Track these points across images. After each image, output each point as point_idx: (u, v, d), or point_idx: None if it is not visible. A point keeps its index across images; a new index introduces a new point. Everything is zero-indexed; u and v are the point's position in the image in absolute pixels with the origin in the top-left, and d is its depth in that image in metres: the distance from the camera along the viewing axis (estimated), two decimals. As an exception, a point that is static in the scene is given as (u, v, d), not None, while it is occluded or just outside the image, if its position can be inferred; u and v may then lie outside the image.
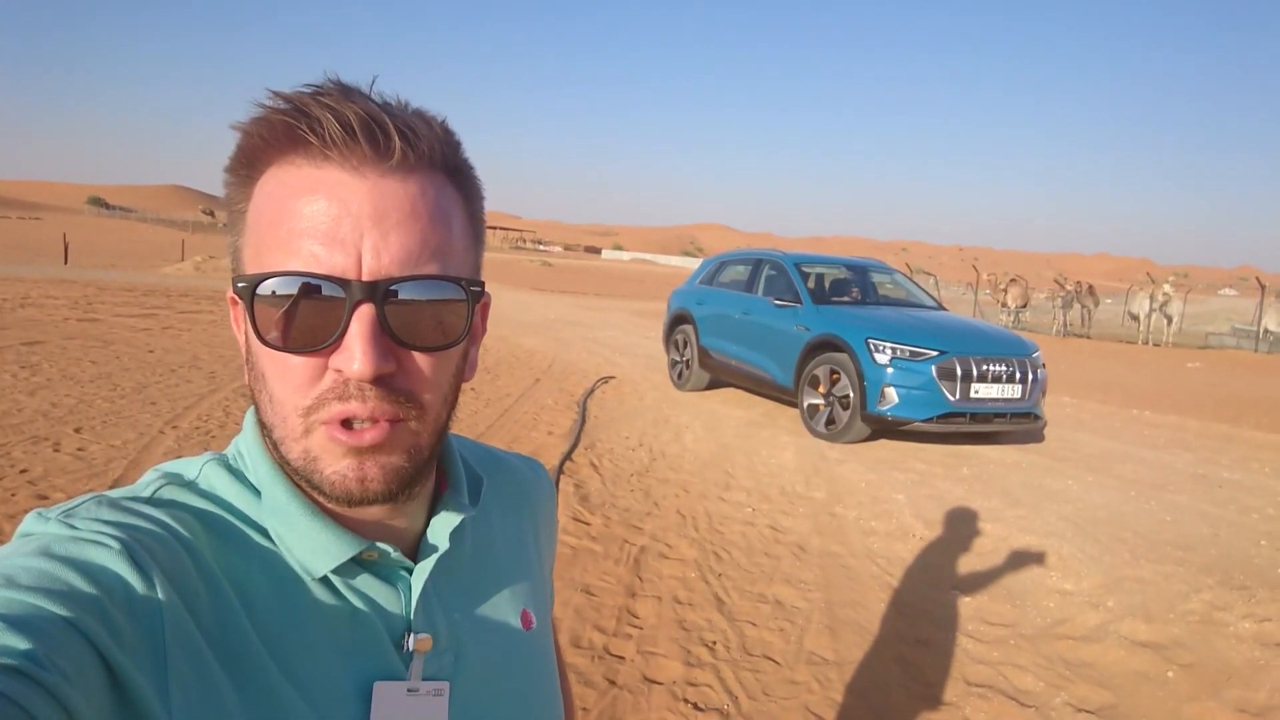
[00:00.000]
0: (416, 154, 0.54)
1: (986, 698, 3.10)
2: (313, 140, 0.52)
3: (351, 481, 0.55)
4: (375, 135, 0.52)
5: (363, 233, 0.52)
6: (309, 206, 0.53)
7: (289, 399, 0.54)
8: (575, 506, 4.87)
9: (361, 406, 0.53)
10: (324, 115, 0.52)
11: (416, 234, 0.54)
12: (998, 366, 6.64)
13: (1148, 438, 7.74)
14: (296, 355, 0.53)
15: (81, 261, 22.37)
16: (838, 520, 4.97)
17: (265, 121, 0.53)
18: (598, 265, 73.46)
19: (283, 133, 0.53)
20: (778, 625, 3.58)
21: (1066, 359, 14.98)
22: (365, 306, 0.52)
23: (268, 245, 0.54)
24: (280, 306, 0.53)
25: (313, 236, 0.52)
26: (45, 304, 11.62)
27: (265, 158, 0.55)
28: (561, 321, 15.92)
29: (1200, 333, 21.58)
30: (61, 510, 0.52)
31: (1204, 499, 5.62)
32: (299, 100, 0.53)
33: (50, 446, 5.01)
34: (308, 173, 0.53)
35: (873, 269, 8.90)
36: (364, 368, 0.52)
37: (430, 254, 0.55)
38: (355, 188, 0.53)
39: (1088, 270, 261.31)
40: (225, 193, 0.58)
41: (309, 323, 0.53)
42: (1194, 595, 3.96)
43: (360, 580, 0.60)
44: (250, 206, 0.56)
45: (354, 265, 0.52)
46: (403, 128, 0.54)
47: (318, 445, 0.55)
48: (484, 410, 7.26)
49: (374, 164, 0.53)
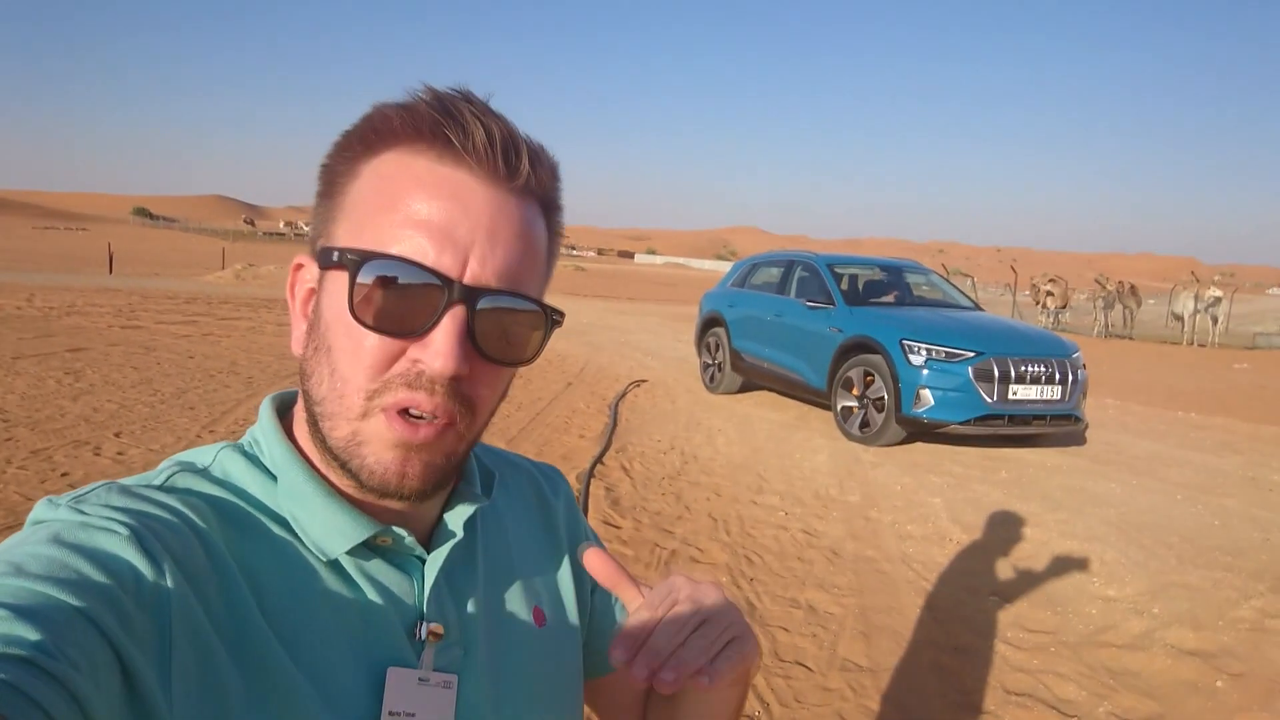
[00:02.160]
0: (536, 181, 0.58)
1: (1027, 707, 3.02)
2: (455, 143, 0.55)
3: (392, 474, 0.56)
4: (510, 155, 0.56)
5: (475, 240, 0.55)
6: (432, 201, 0.55)
7: (356, 377, 0.55)
8: (606, 510, 4.85)
9: (428, 400, 0.55)
10: (473, 124, 0.55)
11: (518, 253, 0.57)
12: (1036, 367, 6.50)
13: (1194, 440, 7.53)
14: (381, 337, 0.55)
15: (126, 270, 22.95)
16: (872, 524, 4.90)
17: (412, 110, 0.56)
18: (631, 269, 73.65)
19: (428, 126, 0.56)
20: (810, 631, 3.53)
21: (1109, 360, 14.65)
22: (459, 308, 0.54)
23: (375, 225, 0.56)
24: (380, 287, 0.54)
25: (427, 230, 0.55)
26: (90, 312, 11.93)
27: (394, 141, 0.57)
28: (594, 326, 15.95)
29: (1248, 333, 21.00)
30: (72, 497, 0.52)
31: (1254, 503, 5.45)
32: (451, 102, 0.56)
33: (91, 451, 5.12)
34: (436, 169, 0.56)
35: (907, 269, 8.78)
36: (445, 365, 0.54)
37: (524, 275, 0.58)
38: (480, 196, 0.56)
39: (1131, 270, 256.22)
40: (330, 158, 0.59)
41: (402, 309, 0.54)
42: (1244, 602, 3.83)
43: (374, 566, 0.61)
44: (357, 182, 0.58)
45: (459, 267, 0.55)
46: (533, 155, 0.58)
47: (371, 429, 0.56)
48: (516, 414, 7.29)
49: (503, 181, 0.57)
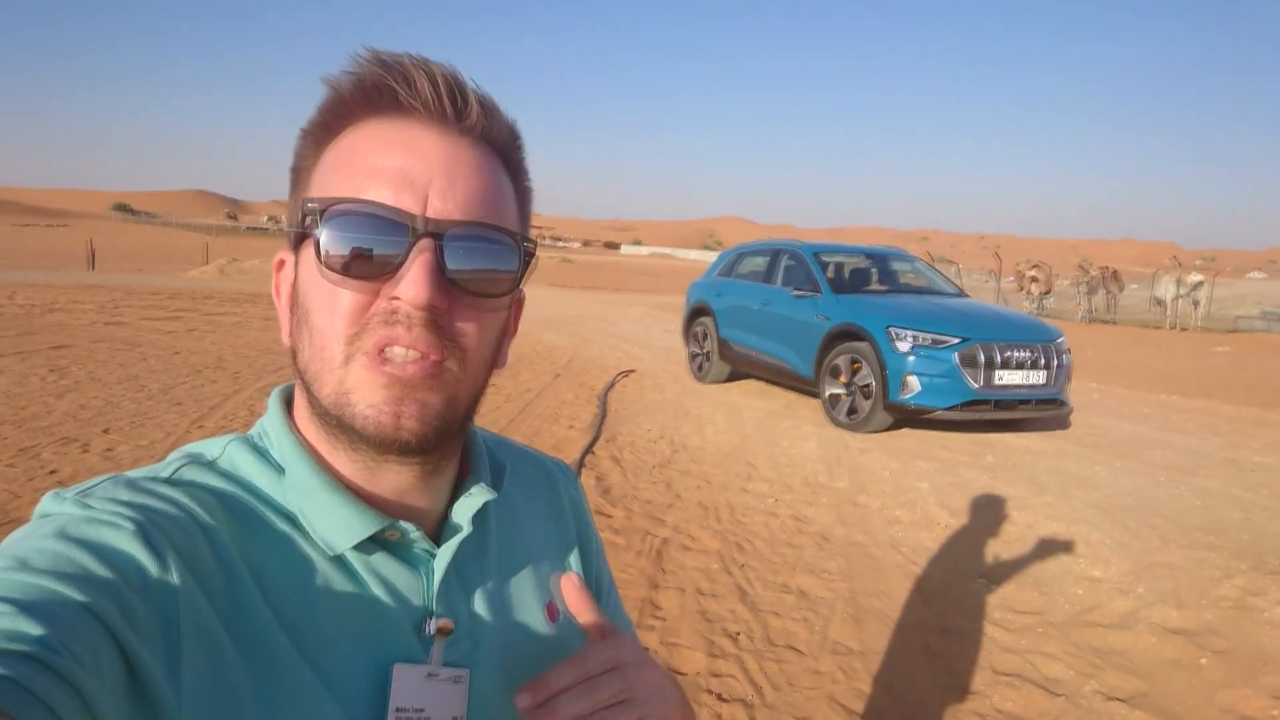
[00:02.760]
0: (488, 126, 0.59)
1: (1015, 686, 3.06)
2: (401, 94, 0.56)
3: (386, 416, 0.55)
4: (456, 97, 0.57)
5: (431, 178, 0.56)
6: (385, 152, 0.56)
7: (332, 327, 0.55)
8: (597, 500, 4.87)
9: (406, 334, 0.54)
10: (416, 73, 0.56)
11: (479, 188, 0.57)
12: (1021, 353, 6.56)
13: (1176, 423, 7.62)
14: (352, 284, 0.55)
15: (107, 266, 22.69)
16: (861, 510, 4.94)
17: (358, 77, 0.57)
18: (617, 260, 73.50)
19: (375, 88, 0.56)
20: (801, 615, 3.56)
21: (1092, 345, 14.77)
22: (425, 241, 0.54)
23: (335, 184, 0.57)
24: (346, 236, 0.55)
25: (384, 177, 0.55)
26: (73, 309, 11.80)
27: (350, 114, 0.58)
28: (581, 317, 15.92)
29: (1229, 316, 21.21)
30: (78, 490, 0.52)
31: (1235, 484, 5.52)
32: (392, 57, 0.57)
33: (79, 448, 5.09)
34: (391, 126, 0.57)
35: (892, 257, 8.82)
36: (419, 294, 0.53)
37: (489, 209, 0.58)
38: (431, 139, 0.57)
39: (1112, 256, 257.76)
40: (297, 151, 0.61)
41: (371, 255, 0.55)
42: (1226, 581, 3.90)
43: (381, 561, 0.59)
44: (320, 166, 0.59)
45: (420, 205, 0.55)
46: (482, 98, 0.59)
47: (354, 376, 0.55)
48: (505, 405, 7.28)
49: (452, 123, 0.57)
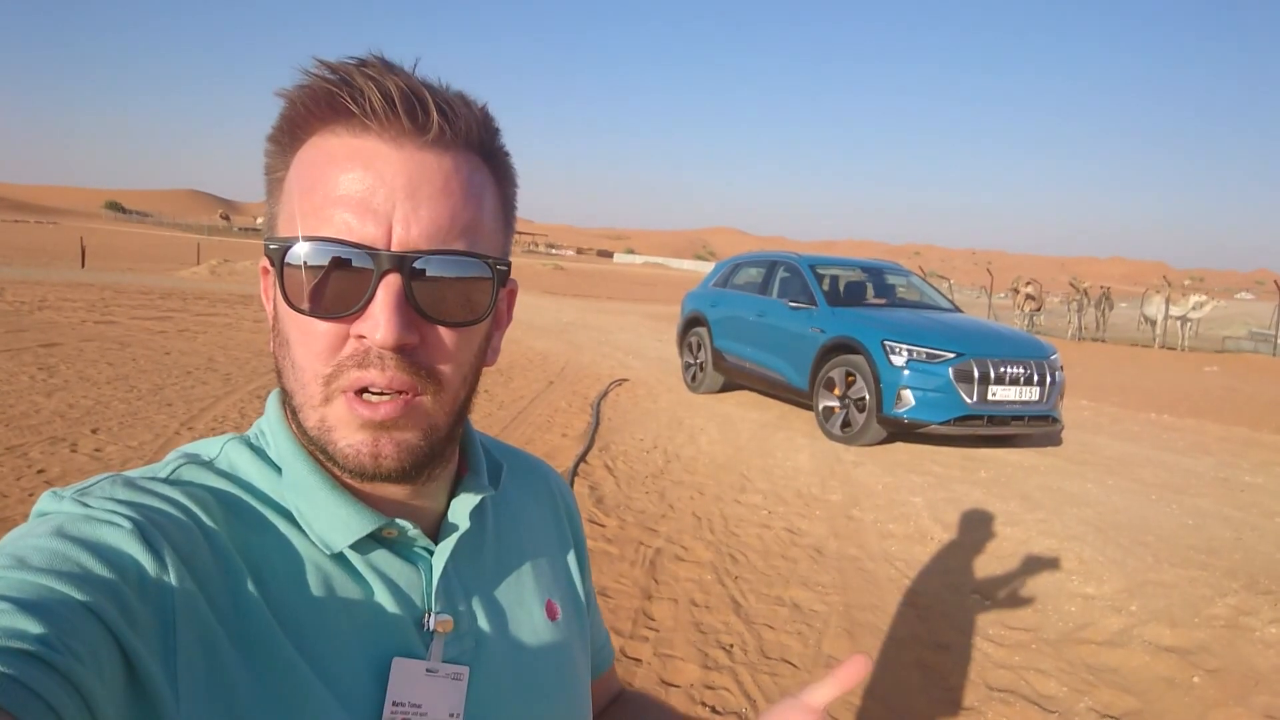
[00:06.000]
0: (454, 131, 0.55)
1: (1009, 703, 3.05)
2: (353, 109, 0.53)
3: (365, 456, 0.55)
4: (414, 109, 0.53)
5: (395, 204, 0.53)
6: (345, 175, 0.53)
7: (310, 365, 0.55)
8: (590, 509, 4.85)
9: (380, 375, 0.53)
10: (366, 85, 0.53)
11: (447, 209, 0.54)
12: (1015, 369, 6.58)
13: (1167, 441, 7.66)
14: (321, 321, 0.54)
15: (98, 265, 22.57)
16: (855, 523, 4.93)
17: (309, 89, 0.54)
18: (610, 269, 73.56)
19: (325, 100, 0.54)
20: (795, 628, 3.55)
21: (1082, 363, 14.85)
22: (392, 276, 0.53)
23: (302, 211, 0.55)
24: (309, 272, 0.53)
25: (346, 205, 0.53)
26: (63, 307, 11.72)
27: (307, 126, 0.56)
28: (574, 325, 15.92)
29: (1217, 337, 21.35)
30: (76, 489, 0.52)
31: (1226, 503, 5.55)
32: (343, 70, 0.54)
33: (68, 447, 5.04)
34: (347, 142, 0.54)
35: (888, 271, 8.85)
36: (386, 335, 0.52)
37: (459, 231, 0.55)
38: (391, 159, 0.53)
39: (1102, 274, 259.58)
40: (266, 160, 0.59)
41: (336, 290, 0.53)
42: (1219, 600, 3.90)
43: (380, 559, 0.60)
44: (289, 174, 0.57)
45: (384, 236, 0.53)
46: (442, 104, 0.54)
47: (334, 415, 0.55)
48: (498, 413, 7.26)
49: (412, 137, 0.54)
